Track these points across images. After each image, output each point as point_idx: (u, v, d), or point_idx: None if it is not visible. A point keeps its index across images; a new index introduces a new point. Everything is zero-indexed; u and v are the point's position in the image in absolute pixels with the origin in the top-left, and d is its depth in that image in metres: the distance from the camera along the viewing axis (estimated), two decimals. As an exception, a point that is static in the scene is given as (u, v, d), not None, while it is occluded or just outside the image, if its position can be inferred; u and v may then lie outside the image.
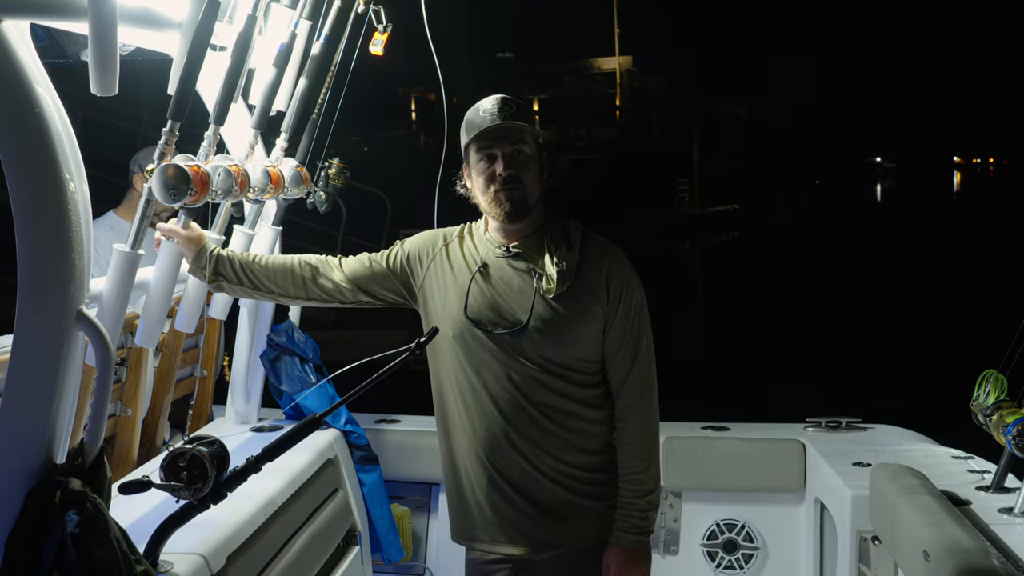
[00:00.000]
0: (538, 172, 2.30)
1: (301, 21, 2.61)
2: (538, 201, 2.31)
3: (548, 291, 2.25)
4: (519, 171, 2.26)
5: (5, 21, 1.87)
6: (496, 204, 2.27)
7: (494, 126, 2.26)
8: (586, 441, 2.30)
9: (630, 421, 2.30)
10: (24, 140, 1.86)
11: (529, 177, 2.28)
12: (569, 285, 2.26)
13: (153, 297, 2.32)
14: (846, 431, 3.52)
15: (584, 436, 2.30)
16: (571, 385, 2.28)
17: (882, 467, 2.81)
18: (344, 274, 2.43)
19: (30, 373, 1.88)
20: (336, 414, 3.21)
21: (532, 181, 2.28)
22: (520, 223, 2.31)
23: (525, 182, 2.27)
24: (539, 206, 2.32)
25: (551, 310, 2.25)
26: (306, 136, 2.81)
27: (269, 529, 2.49)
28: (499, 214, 2.28)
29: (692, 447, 3.53)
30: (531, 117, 2.33)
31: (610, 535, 2.30)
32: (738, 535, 3.52)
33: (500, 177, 2.26)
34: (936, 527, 2.27)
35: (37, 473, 1.86)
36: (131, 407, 2.73)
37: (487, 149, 2.28)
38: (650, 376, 2.33)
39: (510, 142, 2.27)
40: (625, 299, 2.30)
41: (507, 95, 2.32)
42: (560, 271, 2.25)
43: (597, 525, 2.31)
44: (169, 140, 2.09)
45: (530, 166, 2.28)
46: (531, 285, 2.27)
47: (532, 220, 2.32)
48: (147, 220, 2.12)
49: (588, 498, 2.30)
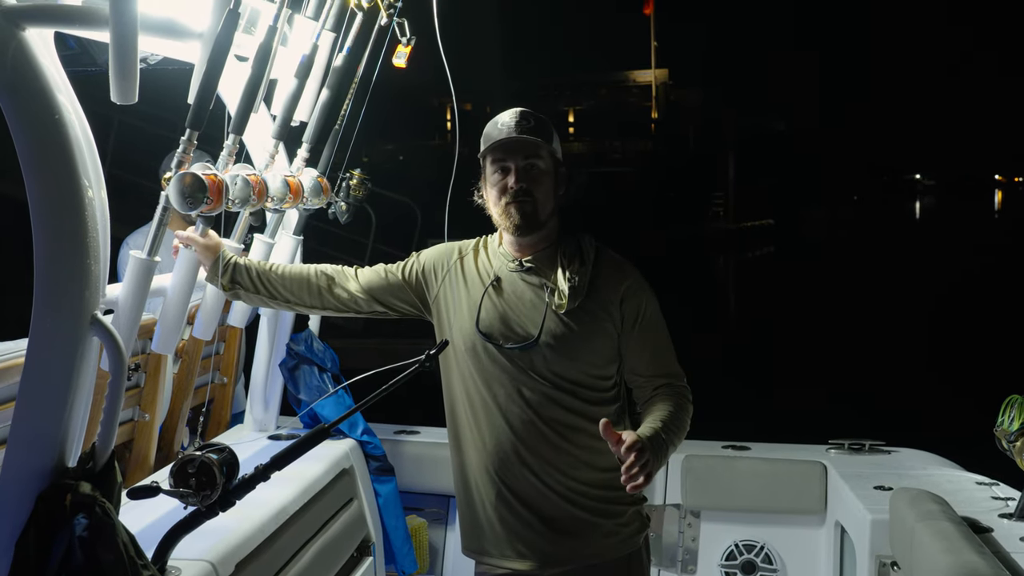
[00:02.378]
0: (551, 187, 2.30)
1: (324, 33, 2.63)
2: (550, 216, 2.31)
3: (560, 306, 2.24)
4: (531, 185, 2.27)
5: (29, 30, 1.90)
6: (507, 216, 2.27)
7: (508, 139, 2.26)
8: (596, 458, 2.28)
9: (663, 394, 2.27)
10: (44, 145, 1.88)
11: (541, 191, 2.28)
12: (581, 301, 2.25)
13: (170, 304, 2.34)
14: (869, 454, 3.46)
15: (594, 453, 2.27)
16: (582, 401, 2.26)
17: (902, 491, 2.75)
18: (359, 284, 2.44)
19: (44, 377, 1.90)
20: (353, 425, 3.22)
21: (544, 196, 2.28)
22: (531, 237, 2.30)
23: (537, 196, 2.27)
24: (552, 221, 2.32)
25: (562, 325, 2.25)
26: (328, 147, 2.83)
27: (280, 538, 2.49)
28: (509, 226, 2.28)
29: (712, 466, 3.49)
30: (548, 132, 2.32)
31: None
32: (757, 556, 3.46)
33: (512, 190, 2.26)
34: (954, 554, 2.22)
35: (48, 476, 1.88)
36: (149, 412, 2.75)
37: (501, 161, 2.28)
38: (674, 360, 2.34)
39: (524, 156, 2.27)
40: (643, 317, 2.30)
41: (527, 109, 2.33)
42: (572, 287, 2.24)
43: (606, 542, 2.29)
44: (187, 148, 2.11)
45: (543, 180, 2.28)
46: (543, 300, 2.26)
47: (545, 235, 2.32)
48: (163, 227, 2.14)
49: (597, 515, 2.29)
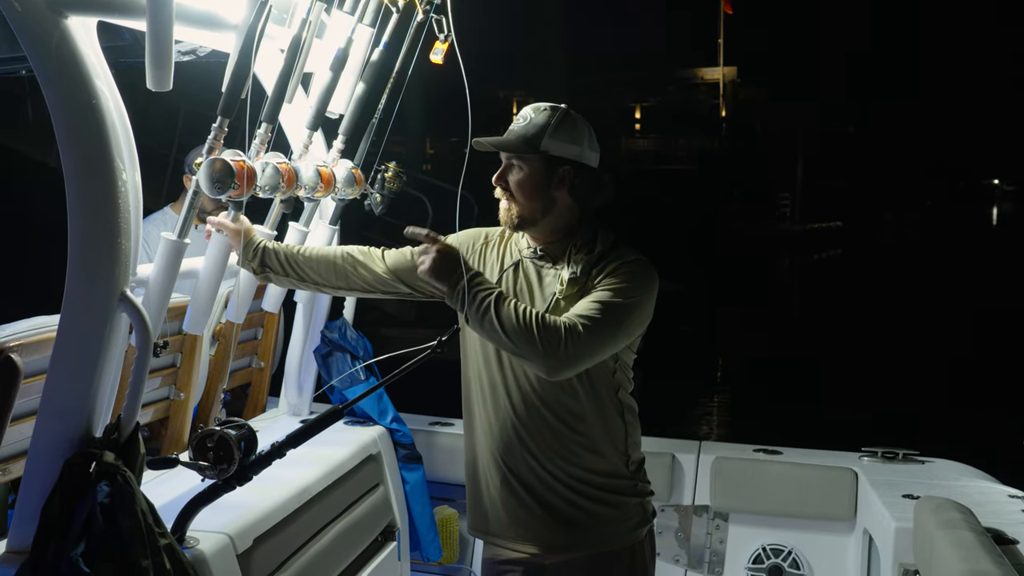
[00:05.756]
0: (537, 187, 2.28)
1: (360, 28, 2.68)
2: (544, 213, 2.30)
3: (562, 293, 2.26)
4: (510, 185, 2.30)
5: (71, 18, 1.99)
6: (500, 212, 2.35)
7: (497, 138, 2.31)
8: (599, 447, 2.29)
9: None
10: (81, 129, 1.97)
11: (521, 192, 2.29)
12: (579, 290, 2.26)
13: (202, 286, 2.42)
14: (902, 463, 3.41)
15: (597, 442, 2.29)
16: (585, 390, 2.27)
17: (927, 500, 2.72)
18: (385, 266, 2.49)
19: (74, 350, 2.00)
20: (383, 412, 3.28)
21: (525, 196, 2.29)
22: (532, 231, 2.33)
23: (517, 197, 2.30)
24: (550, 217, 2.31)
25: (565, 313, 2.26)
26: (364, 139, 2.89)
27: (302, 517, 2.55)
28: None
29: (742, 469, 3.48)
30: (560, 130, 2.27)
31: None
32: (784, 561, 3.44)
33: (494, 185, 2.32)
34: (970, 562, 2.19)
35: (76, 444, 1.97)
36: (184, 392, 2.84)
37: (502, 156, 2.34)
38: (594, 312, 2.16)
39: (508, 156, 2.32)
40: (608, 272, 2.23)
41: (545, 104, 2.33)
42: (573, 275, 2.26)
43: (608, 531, 2.30)
44: (218, 136, 2.18)
45: (523, 182, 2.29)
46: (552, 288, 2.29)
47: (553, 228, 2.33)
48: (194, 211, 2.22)
49: (599, 503, 2.30)
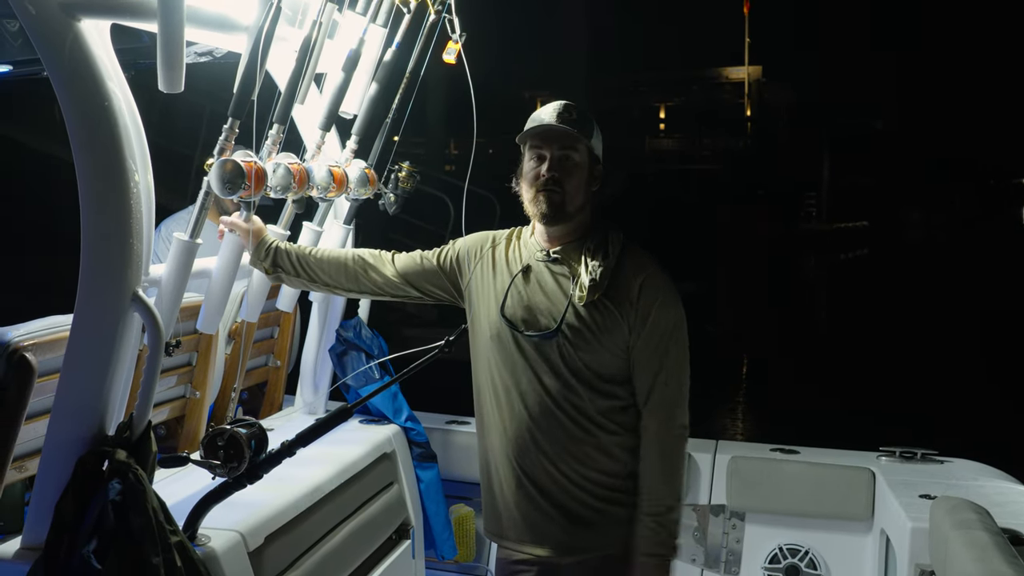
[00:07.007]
0: (583, 180, 2.32)
1: (372, 28, 2.69)
2: (580, 209, 2.32)
3: (581, 299, 2.26)
4: (563, 175, 2.29)
5: (84, 20, 2.02)
6: (535, 204, 2.31)
7: (547, 127, 2.29)
8: (614, 449, 2.29)
9: (650, 437, 2.28)
10: (94, 130, 2.00)
11: (572, 183, 2.29)
12: (599, 295, 2.26)
13: (215, 285, 2.45)
14: (920, 462, 3.38)
15: (612, 444, 2.29)
16: (599, 394, 2.27)
17: (943, 500, 2.68)
18: (395, 269, 2.51)
19: (87, 349, 2.02)
20: (397, 411, 3.29)
21: (574, 188, 2.30)
22: (559, 228, 2.33)
23: (567, 187, 2.29)
24: (582, 215, 2.34)
25: (580, 318, 2.26)
26: (377, 139, 2.90)
27: (314, 515, 2.57)
28: (536, 214, 2.32)
29: (759, 468, 3.46)
30: (589, 128, 2.34)
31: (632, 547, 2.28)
32: (801, 560, 3.42)
33: (543, 178, 2.29)
34: (983, 563, 2.17)
35: (89, 442, 2.00)
36: (200, 390, 2.87)
37: (538, 149, 2.32)
38: (676, 394, 2.29)
39: (560, 146, 2.30)
40: (654, 316, 2.28)
41: (572, 103, 2.35)
42: (593, 279, 2.26)
43: (622, 532, 2.29)
44: (229, 136, 2.20)
45: (575, 173, 2.30)
46: (567, 291, 2.28)
47: (573, 227, 2.34)
48: (206, 211, 2.25)
49: (614, 504, 2.29)
